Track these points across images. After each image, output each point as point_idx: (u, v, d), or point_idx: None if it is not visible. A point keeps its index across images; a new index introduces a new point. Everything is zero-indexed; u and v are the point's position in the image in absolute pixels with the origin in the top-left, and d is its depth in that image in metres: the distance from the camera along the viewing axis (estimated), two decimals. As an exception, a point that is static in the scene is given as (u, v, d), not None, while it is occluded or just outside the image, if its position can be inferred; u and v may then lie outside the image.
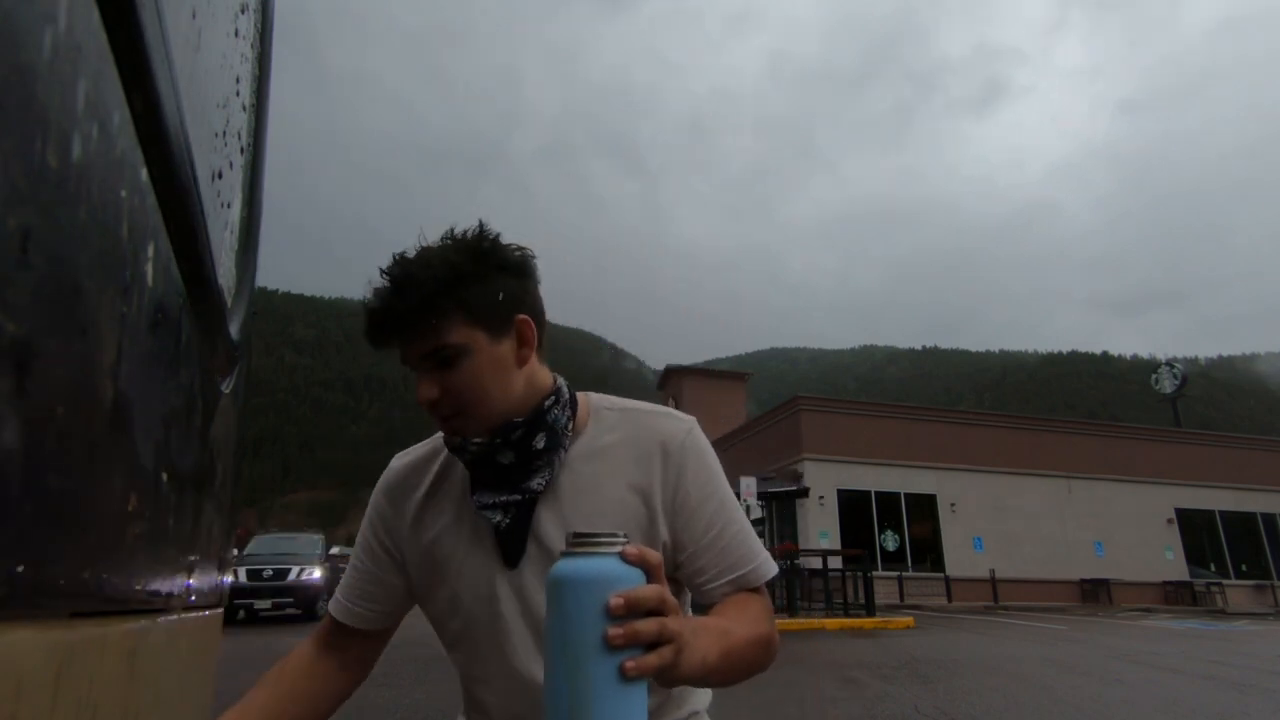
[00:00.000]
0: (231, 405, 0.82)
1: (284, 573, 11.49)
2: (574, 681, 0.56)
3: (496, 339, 0.83)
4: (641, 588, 0.59)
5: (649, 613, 0.59)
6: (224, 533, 0.86)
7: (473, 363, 0.80)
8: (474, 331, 0.81)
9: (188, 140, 0.46)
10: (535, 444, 0.83)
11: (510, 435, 0.82)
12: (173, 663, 0.60)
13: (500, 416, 0.83)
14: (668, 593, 0.61)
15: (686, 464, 0.87)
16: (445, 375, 0.80)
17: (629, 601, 0.57)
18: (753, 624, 0.80)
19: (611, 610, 0.57)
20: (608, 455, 0.87)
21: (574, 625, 0.57)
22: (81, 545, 0.36)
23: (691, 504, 0.86)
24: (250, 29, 0.82)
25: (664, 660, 0.59)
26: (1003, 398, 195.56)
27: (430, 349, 0.80)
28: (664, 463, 0.87)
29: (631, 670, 0.56)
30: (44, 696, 0.32)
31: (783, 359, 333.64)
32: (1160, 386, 31.84)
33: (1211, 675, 6.62)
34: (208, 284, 0.58)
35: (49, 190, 0.29)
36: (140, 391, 0.43)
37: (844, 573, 13.50)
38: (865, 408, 22.32)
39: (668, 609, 0.60)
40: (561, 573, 0.58)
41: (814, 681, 5.95)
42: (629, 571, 0.59)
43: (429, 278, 0.79)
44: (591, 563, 0.59)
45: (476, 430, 0.82)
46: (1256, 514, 23.23)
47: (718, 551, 0.86)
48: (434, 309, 0.79)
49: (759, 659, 0.80)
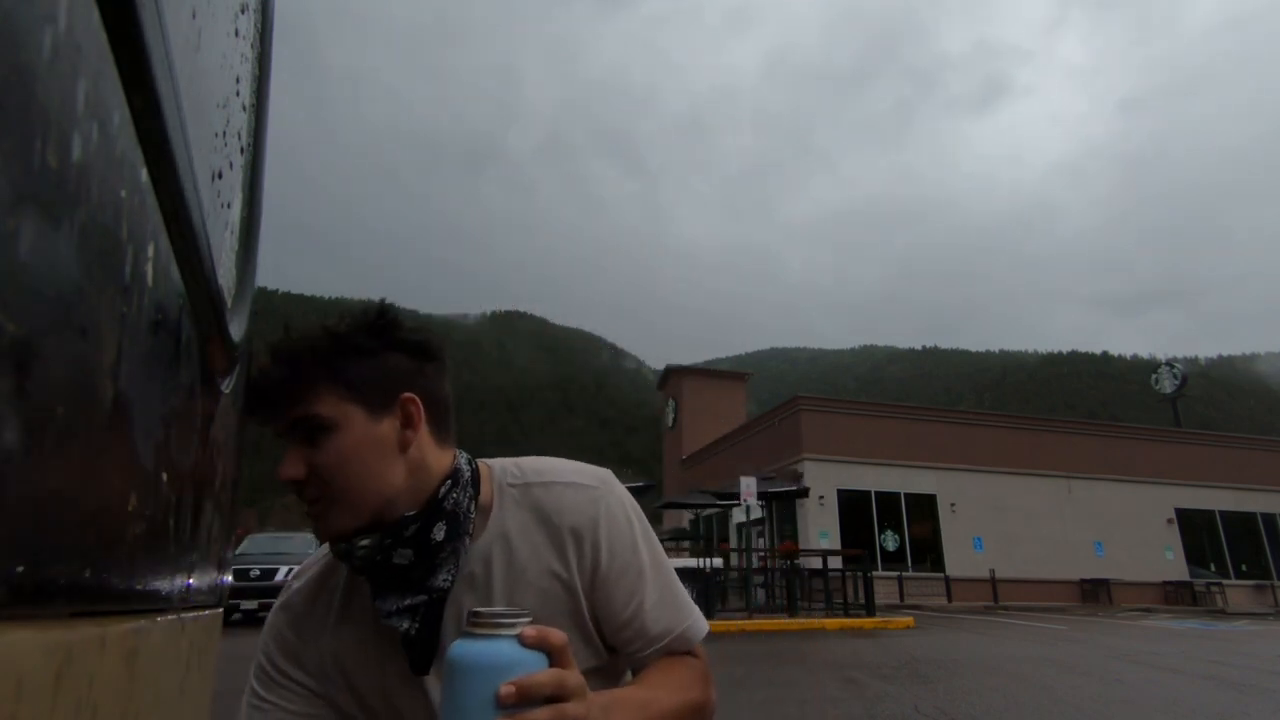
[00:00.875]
0: (231, 405, 0.82)
1: (271, 573, 11.21)
2: None
3: (375, 417, 0.75)
4: (537, 674, 0.57)
5: (548, 699, 0.57)
6: (224, 533, 0.86)
7: (342, 439, 0.73)
8: (348, 406, 0.74)
9: (188, 140, 0.46)
10: (434, 536, 0.75)
11: (403, 531, 0.74)
12: (173, 663, 0.60)
13: (372, 507, 0.74)
14: (569, 676, 0.59)
15: (600, 545, 0.81)
16: (312, 452, 0.73)
17: (520, 690, 0.55)
18: (680, 690, 0.77)
19: (502, 700, 0.54)
20: (519, 539, 0.81)
21: (465, 714, 0.55)
22: (81, 545, 0.36)
23: (611, 580, 0.81)
24: (250, 29, 0.82)
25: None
26: (1003, 398, 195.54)
27: (297, 417, 0.73)
28: (577, 546, 0.81)
29: None
30: (44, 696, 0.32)
31: (783, 359, 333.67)
32: (1160, 386, 31.84)
33: (1211, 675, 6.62)
34: (208, 284, 0.58)
35: (49, 190, 0.29)
36: (140, 391, 0.43)
37: (844, 573, 13.51)
38: (865, 408, 22.32)
39: (567, 693, 0.58)
40: (454, 656, 0.56)
41: (814, 681, 5.95)
42: (527, 655, 0.57)
43: (306, 347, 0.75)
44: (486, 646, 0.56)
45: (345, 523, 0.74)
46: (1256, 514, 23.24)
47: (641, 624, 0.82)
48: (304, 376, 0.74)
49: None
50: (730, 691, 5.51)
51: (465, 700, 0.55)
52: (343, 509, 0.73)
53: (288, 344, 0.76)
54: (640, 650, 0.83)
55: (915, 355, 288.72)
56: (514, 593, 0.79)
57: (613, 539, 0.82)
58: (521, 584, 0.80)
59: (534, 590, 0.80)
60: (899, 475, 20.41)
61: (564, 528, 0.81)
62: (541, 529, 0.81)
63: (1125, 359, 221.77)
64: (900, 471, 20.45)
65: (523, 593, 0.80)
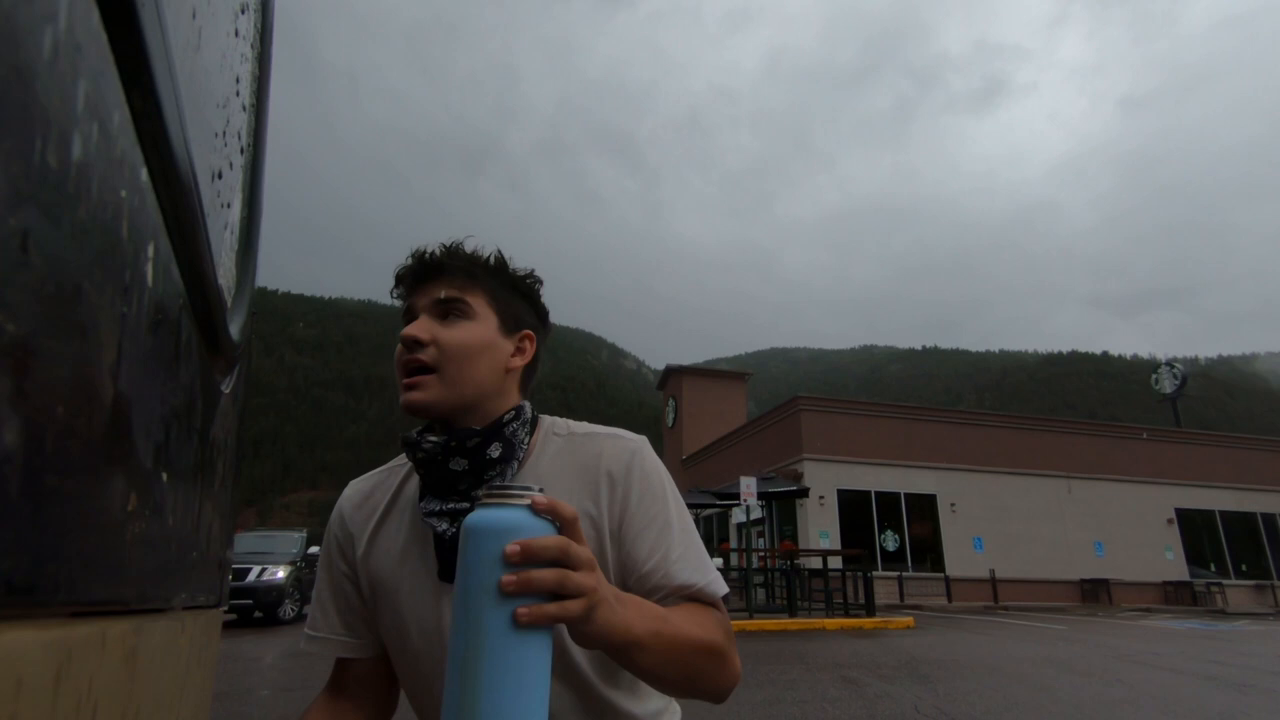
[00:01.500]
0: (231, 405, 0.82)
1: (243, 573, 10.75)
2: (469, 630, 0.56)
3: (500, 331, 0.86)
4: (543, 537, 0.58)
5: (551, 562, 0.57)
6: (224, 533, 0.86)
7: (471, 329, 0.83)
8: (488, 310, 0.86)
9: (188, 140, 0.46)
10: (490, 453, 0.82)
11: (466, 442, 0.81)
12: (173, 663, 0.60)
13: (462, 394, 0.82)
14: (577, 546, 0.59)
15: (631, 488, 0.84)
16: (442, 327, 0.82)
17: (525, 549, 0.56)
18: (700, 628, 0.76)
19: (507, 557, 0.56)
20: (556, 478, 0.85)
21: (474, 573, 0.56)
22: (81, 545, 0.36)
23: (638, 524, 0.83)
24: (250, 29, 0.82)
25: (566, 613, 0.58)
26: (1003, 398, 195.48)
27: (444, 296, 0.83)
28: (610, 489, 0.84)
29: (524, 617, 0.55)
30: (44, 696, 0.32)
31: (783, 359, 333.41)
32: (1160, 386, 31.84)
33: (1211, 675, 6.62)
34: (208, 284, 0.58)
35: (49, 190, 0.29)
36: (140, 391, 0.43)
37: (844, 573, 13.50)
38: (865, 408, 22.30)
39: (574, 562, 0.59)
40: (469, 523, 0.58)
41: (814, 681, 5.95)
42: (537, 523, 0.58)
43: (481, 256, 0.87)
44: (499, 512, 0.58)
45: (435, 396, 0.81)
46: (1256, 514, 23.23)
47: (665, 572, 0.82)
48: (469, 270, 0.85)
49: (707, 667, 0.76)
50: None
51: (475, 560, 0.57)
52: (440, 383, 0.81)
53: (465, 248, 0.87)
54: (662, 600, 0.82)
55: (915, 355, 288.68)
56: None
57: (645, 485, 0.85)
58: None
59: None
60: (899, 475, 20.40)
61: (600, 470, 0.85)
62: (578, 472, 0.86)
63: (1125, 359, 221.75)
64: (900, 471, 20.44)
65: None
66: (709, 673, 0.76)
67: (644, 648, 0.67)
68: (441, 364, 0.81)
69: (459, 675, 0.55)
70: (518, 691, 0.55)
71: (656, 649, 0.68)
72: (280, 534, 13.03)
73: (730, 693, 0.79)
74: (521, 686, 0.55)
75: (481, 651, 0.55)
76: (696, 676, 0.74)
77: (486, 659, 0.55)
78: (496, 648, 0.55)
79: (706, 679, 0.76)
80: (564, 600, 0.58)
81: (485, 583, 0.56)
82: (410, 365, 0.81)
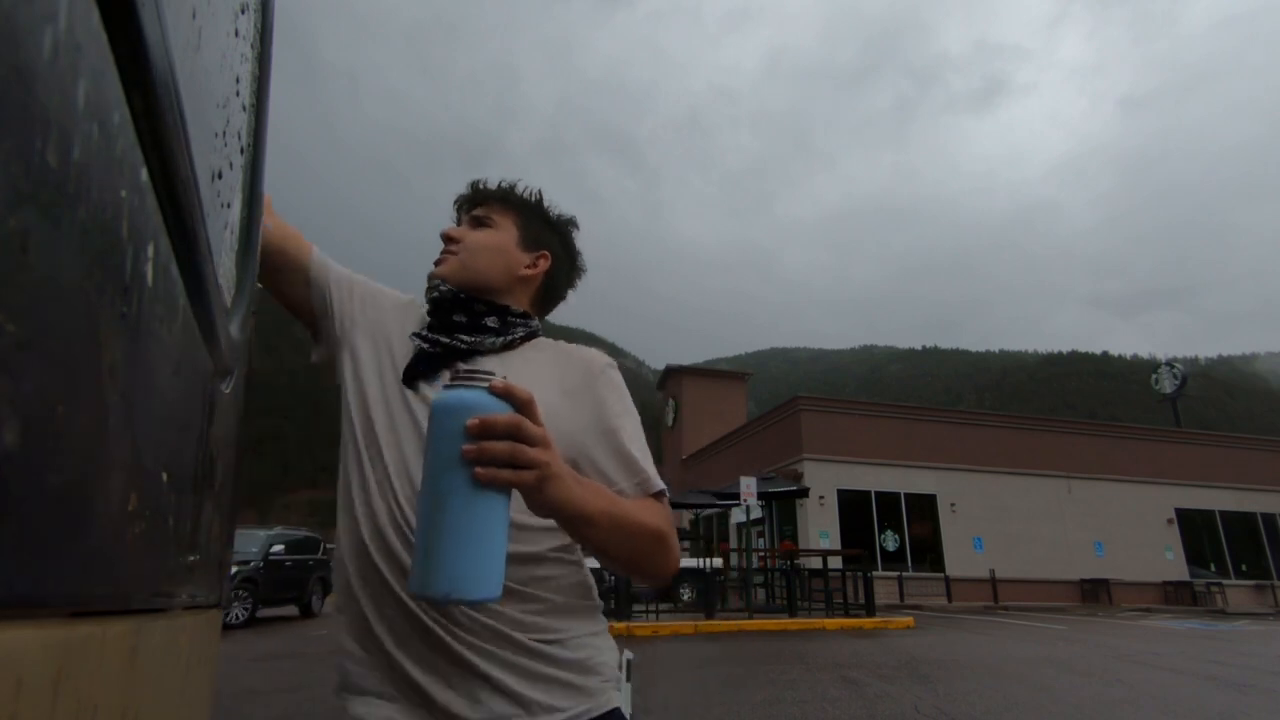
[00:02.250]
0: (231, 405, 0.82)
1: None
2: (436, 492, 0.65)
3: (521, 246, 1.06)
4: (499, 414, 0.67)
5: (505, 436, 0.66)
6: (224, 533, 0.86)
7: (492, 235, 1.04)
8: (511, 225, 1.06)
9: (188, 140, 0.46)
10: (486, 321, 1.00)
11: (471, 304, 1.00)
12: (173, 663, 0.60)
13: (470, 277, 1.01)
14: (528, 423, 0.68)
15: (599, 379, 0.99)
16: (472, 231, 1.04)
17: (482, 423, 0.65)
18: (646, 514, 0.87)
19: (467, 430, 0.65)
20: (538, 362, 1.00)
21: (441, 443, 0.66)
22: (81, 545, 0.36)
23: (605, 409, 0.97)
24: (250, 29, 0.82)
25: (519, 479, 0.67)
26: (1003, 398, 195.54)
27: (481, 213, 1.06)
28: (585, 373, 0.99)
29: (480, 476, 0.64)
30: (44, 696, 0.32)
31: (783, 359, 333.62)
32: (1160, 386, 31.83)
33: (1211, 675, 6.62)
34: (208, 284, 0.58)
35: (49, 190, 0.29)
36: (140, 391, 0.43)
37: (844, 573, 13.50)
38: (865, 408, 22.30)
39: (525, 437, 0.67)
40: (437, 401, 0.68)
41: (814, 681, 5.94)
42: (496, 403, 0.68)
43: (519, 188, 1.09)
44: (463, 393, 0.67)
45: (451, 272, 1.01)
46: (1256, 514, 23.23)
47: (621, 459, 0.94)
48: (504, 199, 1.07)
49: (652, 550, 0.87)
50: (730, 691, 5.51)
51: (442, 433, 0.66)
52: (459, 264, 1.02)
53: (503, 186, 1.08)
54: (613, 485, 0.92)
55: (915, 355, 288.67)
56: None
57: (611, 384, 1.00)
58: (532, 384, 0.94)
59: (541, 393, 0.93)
60: (899, 475, 20.40)
61: (576, 360, 1.01)
62: (560, 362, 1.01)
63: (1125, 359, 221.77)
64: (900, 471, 20.44)
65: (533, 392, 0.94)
66: (653, 555, 0.87)
67: (594, 524, 0.76)
68: (462, 252, 1.02)
69: (427, 531, 0.65)
70: (476, 543, 0.64)
71: (606, 526, 0.78)
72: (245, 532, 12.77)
73: (670, 577, 0.92)
74: (480, 539, 0.64)
75: (446, 509, 0.64)
76: (642, 557, 0.86)
77: (449, 515, 0.64)
78: (458, 506, 0.64)
79: (651, 560, 0.87)
80: (519, 470, 0.66)
81: (450, 452, 0.65)
82: (445, 248, 1.04)
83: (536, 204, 1.09)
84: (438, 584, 0.63)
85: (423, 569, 0.64)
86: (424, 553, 0.64)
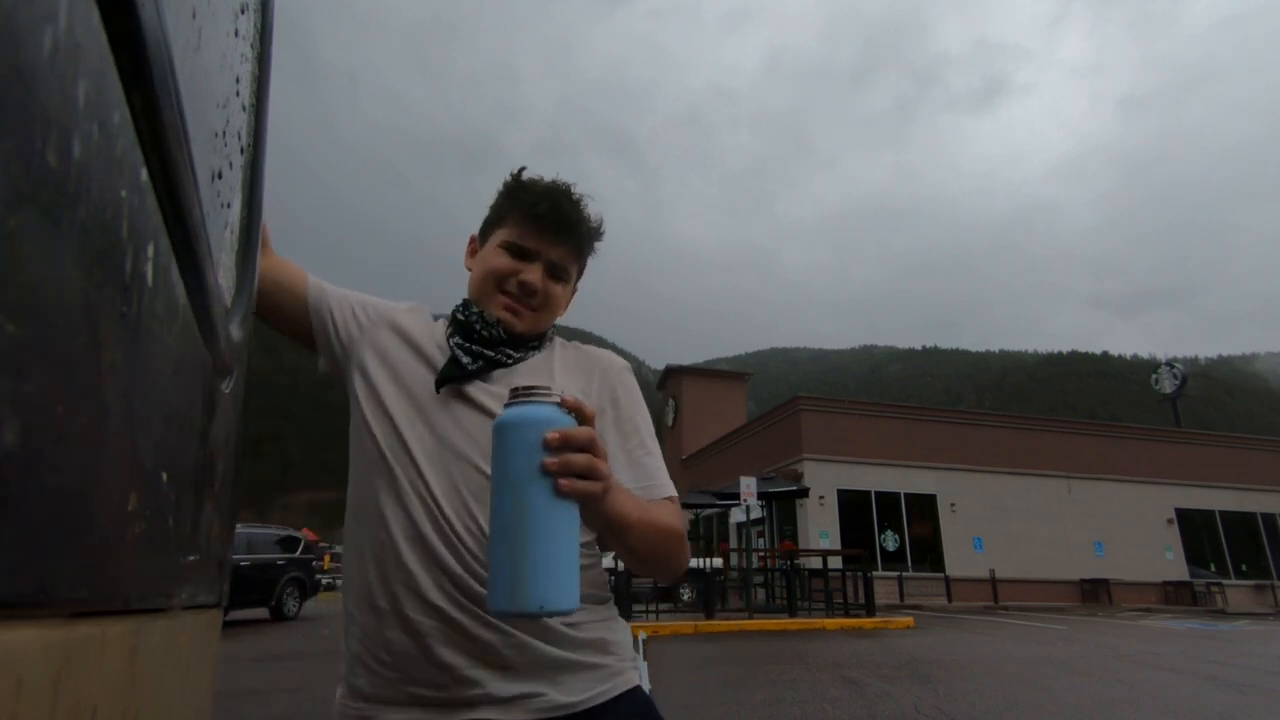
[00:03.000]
0: (231, 405, 0.82)
1: None
2: (517, 504, 0.66)
3: (575, 282, 1.09)
4: (576, 428, 0.69)
5: (581, 449, 0.69)
6: (224, 533, 0.86)
7: (566, 288, 1.06)
8: (576, 271, 1.08)
9: (188, 140, 0.46)
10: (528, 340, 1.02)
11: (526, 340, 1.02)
12: (173, 663, 0.60)
13: (544, 326, 1.05)
14: (599, 437, 0.71)
15: (618, 385, 1.03)
16: (550, 282, 1.02)
17: (564, 436, 0.68)
18: (665, 515, 0.91)
19: (547, 442, 0.67)
20: (557, 363, 1.04)
21: (517, 457, 0.67)
22: (81, 545, 0.36)
23: (621, 414, 1.01)
24: (250, 29, 0.82)
25: (593, 490, 0.69)
26: (1003, 398, 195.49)
27: (562, 261, 1.03)
28: (602, 377, 1.03)
29: (565, 487, 0.66)
30: (44, 696, 0.32)
31: (783, 359, 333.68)
32: (1160, 386, 31.84)
33: (1211, 675, 6.62)
34: (208, 284, 0.58)
35: (49, 190, 0.29)
36: (140, 391, 0.43)
37: (844, 573, 13.50)
38: (865, 408, 22.30)
39: (598, 450, 0.70)
40: (507, 417, 0.69)
41: (814, 681, 5.94)
42: (565, 417, 0.70)
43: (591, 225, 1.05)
44: (534, 408, 0.69)
45: (527, 329, 1.01)
46: (1256, 514, 23.23)
47: (634, 461, 0.98)
48: (582, 244, 1.06)
49: (672, 549, 0.91)
50: (730, 691, 5.51)
51: (515, 447, 0.67)
52: (535, 321, 1.02)
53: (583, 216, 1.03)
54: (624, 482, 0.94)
55: (915, 355, 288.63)
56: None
57: (630, 389, 1.05)
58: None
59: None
60: (899, 475, 20.40)
61: (595, 364, 1.06)
62: (578, 363, 1.05)
63: (1125, 359, 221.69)
64: (900, 471, 20.44)
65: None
66: (674, 554, 0.92)
67: (632, 530, 0.82)
68: (540, 307, 1.02)
69: (508, 547, 0.66)
70: (560, 554, 0.66)
71: (640, 533, 0.83)
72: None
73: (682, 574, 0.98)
74: (562, 550, 0.66)
75: (528, 522, 0.65)
76: (665, 557, 0.90)
77: (533, 528, 0.65)
78: (541, 519, 0.66)
79: (672, 559, 0.92)
80: (591, 481, 0.69)
81: (528, 466, 0.66)
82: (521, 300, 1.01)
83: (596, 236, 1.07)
84: (529, 598, 0.64)
85: (509, 584, 0.65)
86: (507, 568, 0.65)
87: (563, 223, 1.01)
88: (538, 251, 1.01)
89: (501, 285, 1.00)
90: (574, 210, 1.02)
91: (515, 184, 1.04)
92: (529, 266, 1.00)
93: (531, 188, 1.02)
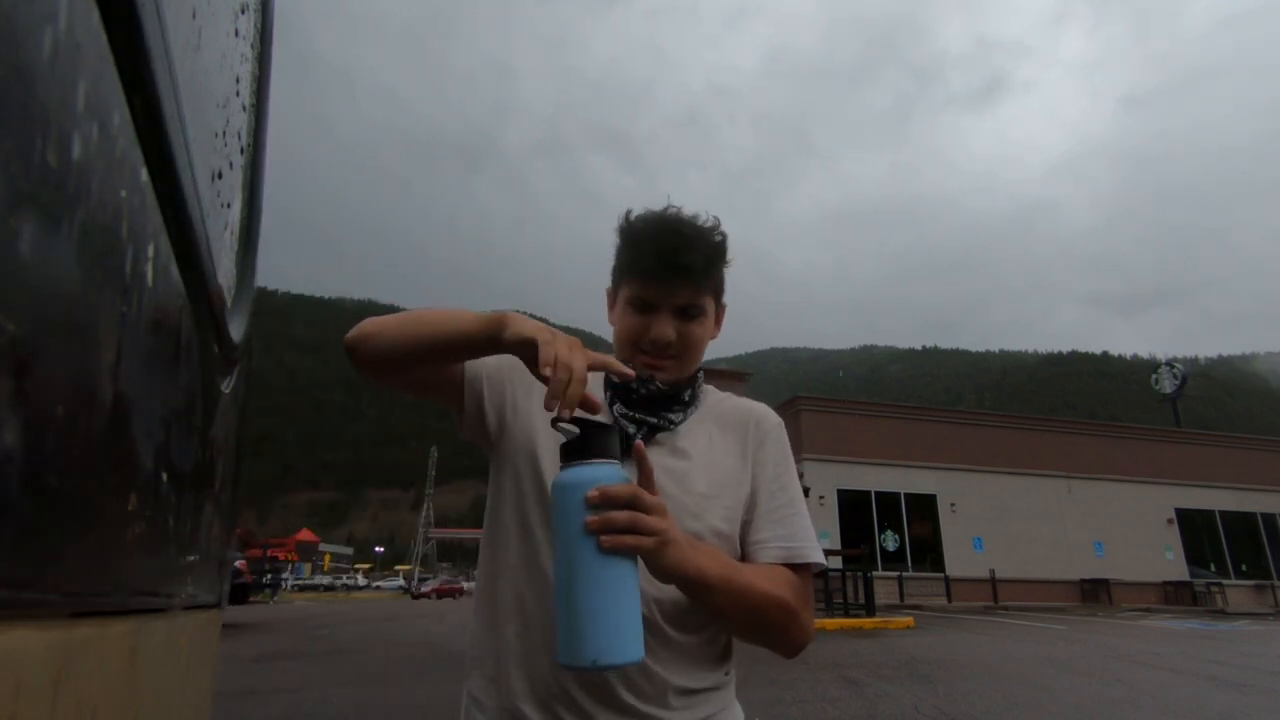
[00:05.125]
0: (231, 405, 0.82)
1: None
2: (569, 563, 0.69)
3: (714, 314, 1.01)
4: (616, 485, 0.70)
5: (624, 505, 0.70)
6: (224, 533, 0.86)
7: (703, 324, 0.97)
8: (710, 301, 0.98)
9: (188, 140, 0.46)
10: (683, 397, 0.98)
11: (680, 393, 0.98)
12: (173, 663, 0.60)
13: (691, 370, 0.99)
14: (644, 493, 0.72)
15: (769, 438, 1.00)
16: (683, 325, 0.96)
17: (604, 494, 0.69)
18: (773, 584, 0.86)
19: (588, 501, 0.69)
20: (714, 418, 1.00)
21: (567, 519, 0.70)
22: (81, 545, 0.36)
23: (769, 470, 0.97)
24: (250, 29, 0.82)
25: (640, 545, 0.70)
26: (1003, 398, 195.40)
27: (687, 302, 0.95)
28: (757, 430, 1.00)
29: (605, 543, 0.68)
30: (44, 696, 0.32)
31: (783, 359, 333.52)
32: (1160, 386, 31.84)
33: (1211, 675, 6.62)
34: (208, 284, 0.58)
35: (49, 190, 0.29)
36: (140, 391, 0.43)
37: (844, 573, 13.50)
38: (865, 408, 22.30)
39: (643, 506, 0.71)
40: (558, 480, 0.72)
41: (814, 681, 5.94)
42: (615, 472, 0.72)
43: (711, 247, 0.95)
44: (580, 470, 0.71)
45: (673, 378, 0.97)
46: (1256, 514, 23.22)
47: (778, 519, 0.94)
48: (707, 274, 0.95)
49: (773, 620, 0.85)
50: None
51: (564, 508, 0.70)
52: (678, 367, 0.97)
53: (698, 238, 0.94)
54: (764, 544, 0.92)
55: (915, 355, 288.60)
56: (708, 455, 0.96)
57: (780, 445, 1.01)
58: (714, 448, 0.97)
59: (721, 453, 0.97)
60: (899, 475, 20.40)
61: (750, 417, 1.01)
62: (733, 415, 1.02)
63: (1125, 359, 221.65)
64: (900, 471, 20.43)
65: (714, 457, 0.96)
66: (775, 625, 0.86)
67: (713, 589, 0.78)
68: (679, 354, 0.96)
69: (566, 604, 0.68)
70: (612, 609, 0.68)
71: (725, 592, 0.79)
72: None
73: (801, 650, 0.89)
74: (614, 605, 0.68)
75: (579, 580, 0.68)
76: (764, 626, 0.85)
77: (583, 585, 0.68)
78: (590, 577, 0.68)
79: (775, 630, 0.86)
80: (639, 535, 0.70)
81: (576, 525, 0.69)
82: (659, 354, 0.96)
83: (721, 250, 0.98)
84: (583, 653, 0.66)
85: (567, 640, 0.68)
86: (566, 625, 0.68)
87: (676, 269, 0.93)
88: (660, 303, 0.96)
89: (638, 344, 0.97)
90: (685, 250, 0.93)
91: (626, 230, 0.99)
92: (657, 319, 0.95)
93: (639, 237, 0.96)
